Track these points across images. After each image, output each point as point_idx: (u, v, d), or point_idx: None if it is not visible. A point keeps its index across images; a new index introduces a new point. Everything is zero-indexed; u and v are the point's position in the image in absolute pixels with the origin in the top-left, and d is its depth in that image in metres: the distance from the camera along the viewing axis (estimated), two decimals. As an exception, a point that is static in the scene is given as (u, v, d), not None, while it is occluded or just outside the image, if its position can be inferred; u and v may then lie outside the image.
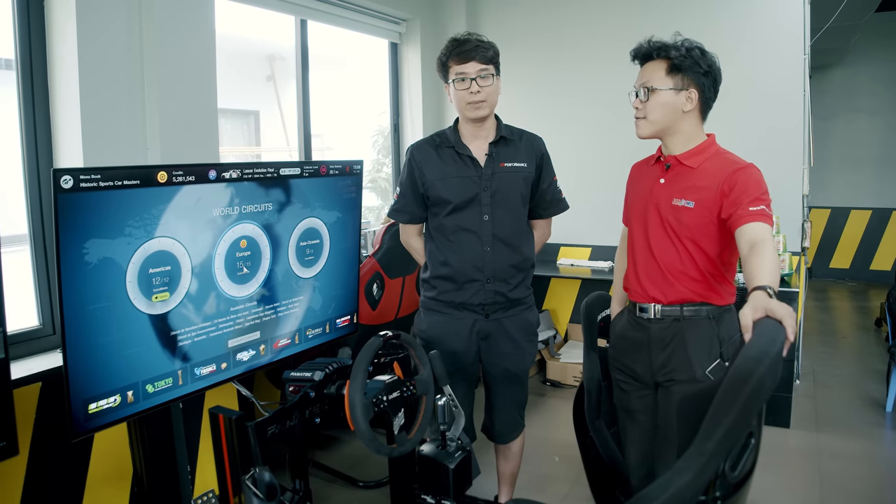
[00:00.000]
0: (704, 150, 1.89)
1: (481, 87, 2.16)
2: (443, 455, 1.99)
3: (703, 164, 1.87)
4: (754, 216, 1.69)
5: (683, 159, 1.89)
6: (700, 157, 1.88)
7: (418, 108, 4.62)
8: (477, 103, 2.17)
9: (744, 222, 1.69)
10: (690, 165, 1.88)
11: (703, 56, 1.86)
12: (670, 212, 1.89)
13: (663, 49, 1.87)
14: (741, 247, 1.68)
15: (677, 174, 1.91)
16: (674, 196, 1.88)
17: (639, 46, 1.92)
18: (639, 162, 2.10)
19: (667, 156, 1.94)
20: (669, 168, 1.92)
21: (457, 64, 2.17)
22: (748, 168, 1.81)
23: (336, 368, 2.00)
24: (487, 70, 2.17)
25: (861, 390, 4.21)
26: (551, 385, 4.35)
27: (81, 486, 2.29)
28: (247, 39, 4.09)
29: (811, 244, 6.60)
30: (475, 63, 2.16)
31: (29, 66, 2.33)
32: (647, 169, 2.02)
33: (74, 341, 1.65)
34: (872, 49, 7.41)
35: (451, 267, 2.26)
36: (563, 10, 4.51)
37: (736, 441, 1.12)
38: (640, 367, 1.98)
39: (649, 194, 1.95)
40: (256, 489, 1.71)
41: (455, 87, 2.19)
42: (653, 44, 1.89)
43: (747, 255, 1.61)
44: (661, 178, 1.94)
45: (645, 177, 2.01)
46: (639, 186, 2.03)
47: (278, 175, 2.15)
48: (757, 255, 1.57)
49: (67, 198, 1.58)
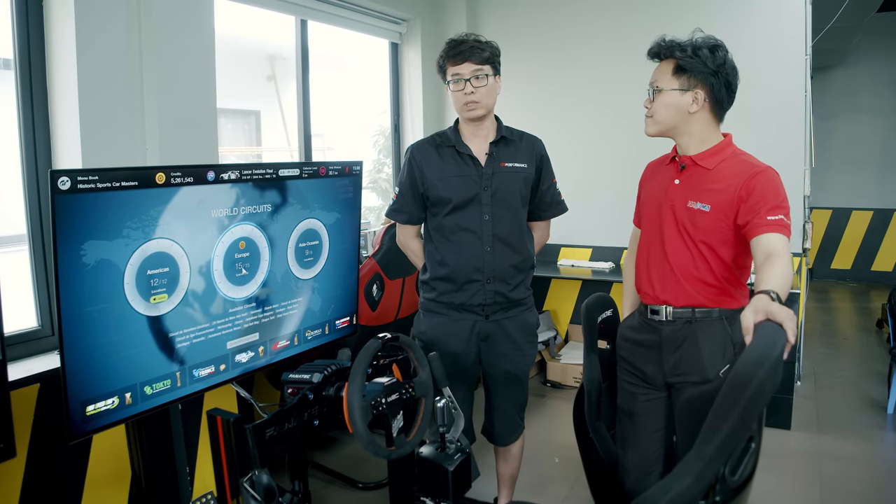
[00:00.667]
0: (720, 151, 1.86)
1: (475, 87, 2.16)
2: (442, 457, 1.99)
3: (719, 166, 1.84)
4: (772, 226, 1.67)
5: (699, 160, 1.87)
6: (716, 158, 1.85)
7: (419, 109, 4.62)
8: (471, 104, 2.17)
9: (761, 232, 1.67)
10: (706, 167, 1.85)
11: (713, 55, 1.82)
12: (685, 214, 1.86)
13: (670, 49, 1.85)
14: (756, 256, 1.66)
15: (693, 175, 1.88)
16: (689, 198, 1.85)
17: (652, 45, 1.91)
18: (653, 161, 2.08)
19: (682, 156, 1.91)
20: (685, 169, 1.89)
21: (452, 65, 2.18)
22: (766, 172, 1.78)
23: (335, 370, 2.00)
24: (482, 71, 2.17)
25: (862, 392, 4.21)
26: (551, 386, 4.34)
27: (80, 489, 2.28)
28: (247, 39, 4.09)
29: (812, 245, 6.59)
30: (469, 64, 2.16)
31: (28, 67, 2.33)
32: (662, 168, 1.99)
33: (72, 343, 1.64)
34: (874, 49, 7.40)
35: (450, 267, 2.26)
36: (564, 11, 4.50)
37: (736, 445, 1.11)
38: (650, 368, 1.96)
39: (664, 195, 1.92)
40: (254, 492, 1.71)
41: (451, 88, 2.19)
42: (663, 43, 1.88)
43: (761, 264, 1.60)
44: (675, 179, 1.91)
45: (659, 176, 1.98)
46: (653, 186, 2.00)
47: (277, 176, 2.15)
48: (770, 266, 1.56)
49: (65, 199, 1.57)
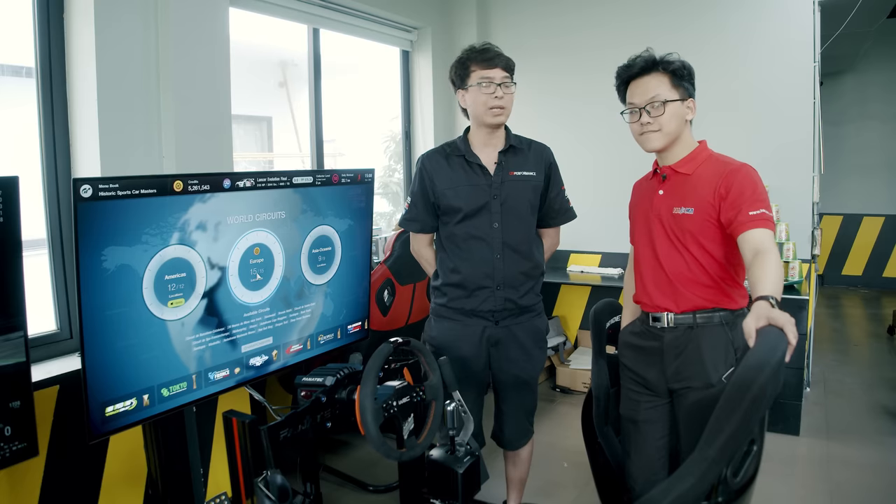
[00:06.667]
0: (697, 155, 1.92)
1: (504, 93, 2.20)
2: (452, 460, 2.01)
3: (697, 170, 1.90)
4: (755, 221, 1.71)
5: (678, 168, 1.92)
6: (693, 163, 1.91)
7: (429, 116, 4.65)
8: (498, 109, 2.21)
9: (745, 229, 1.71)
10: (685, 173, 1.91)
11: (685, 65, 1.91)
12: (672, 221, 1.91)
13: (665, 63, 1.89)
14: (745, 254, 1.70)
15: (675, 183, 1.93)
16: (674, 205, 1.91)
17: (639, 61, 1.92)
18: (639, 180, 2.13)
19: (662, 167, 1.97)
20: (666, 179, 1.95)
21: (482, 68, 2.20)
22: (742, 168, 1.83)
23: (347, 374, 2.03)
24: (509, 78, 2.22)
25: (872, 398, 4.19)
26: (561, 391, 4.36)
27: (97, 488, 2.33)
28: (259, 46, 4.15)
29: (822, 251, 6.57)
30: (500, 70, 2.20)
31: (49, 76, 2.39)
32: (647, 184, 2.05)
33: (93, 345, 1.69)
34: (885, 55, 7.38)
35: (461, 274, 2.29)
36: (575, 15, 4.53)
37: (738, 448, 1.14)
38: (652, 375, 1.98)
39: (650, 207, 1.98)
40: (269, 492, 1.74)
41: (480, 90, 2.20)
42: (651, 58, 1.91)
43: (751, 262, 1.64)
44: (659, 190, 1.96)
45: (644, 192, 2.04)
46: (640, 202, 2.06)
47: (291, 183, 2.19)
48: (760, 265, 1.59)
49: (87, 206, 1.62)
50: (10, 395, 1.71)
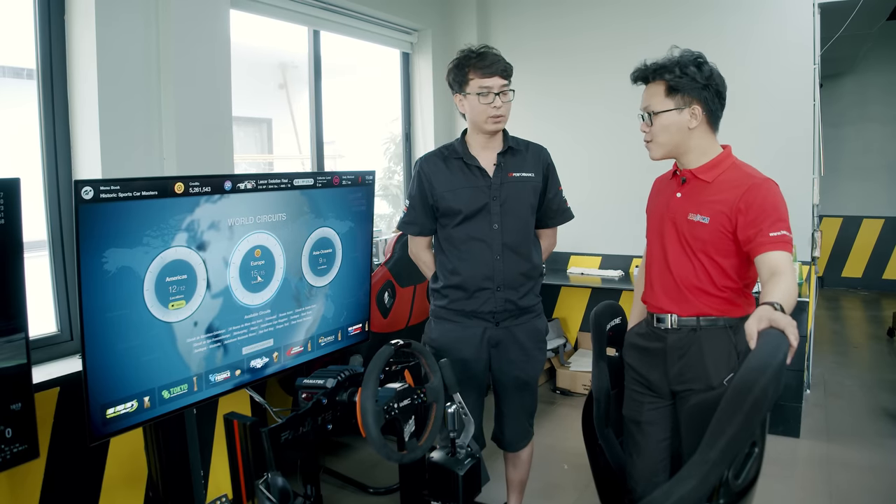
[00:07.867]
0: (720, 163, 1.88)
1: (503, 102, 2.20)
2: (452, 462, 2.01)
3: (718, 178, 1.85)
4: (776, 243, 1.68)
5: (699, 173, 1.88)
6: (716, 170, 1.87)
7: (430, 118, 4.65)
8: (497, 118, 2.21)
9: (765, 250, 1.69)
10: (706, 180, 1.87)
11: (700, 70, 1.83)
12: (686, 226, 1.88)
13: (659, 71, 1.86)
14: (761, 273, 1.68)
15: (693, 188, 1.90)
16: (690, 211, 1.87)
17: (636, 70, 1.92)
18: (661, 175, 2.10)
19: (682, 170, 1.93)
20: (686, 182, 1.92)
21: (480, 77, 2.19)
22: (765, 184, 1.79)
23: (348, 376, 2.03)
24: (508, 86, 2.21)
25: (872, 400, 4.20)
26: (561, 393, 4.36)
27: (98, 490, 2.33)
28: (260, 48, 4.15)
29: (822, 253, 6.57)
30: (499, 78, 2.19)
31: (49, 77, 2.39)
32: (666, 183, 2.02)
33: (93, 347, 1.69)
34: (885, 57, 7.39)
35: (461, 276, 2.29)
36: (575, 17, 4.54)
37: (739, 450, 1.14)
38: (655, 376, 1.98)
39: (666, 208, 1.95)
40: (269, 494, 1.74)
41: (478, 100, 2.20)
42: (649, 66, 1.88)
43: (766, 281, 1.62)
44: (677, 193, 1.93)
45: (663, 191, 2.01)
46: (658, 201, 2.03)
47: (292, 185, 2.19)
48: (775, 283, 1.58)
49: (88, 208, 1.62)
50: (10, 397, 1.71)
